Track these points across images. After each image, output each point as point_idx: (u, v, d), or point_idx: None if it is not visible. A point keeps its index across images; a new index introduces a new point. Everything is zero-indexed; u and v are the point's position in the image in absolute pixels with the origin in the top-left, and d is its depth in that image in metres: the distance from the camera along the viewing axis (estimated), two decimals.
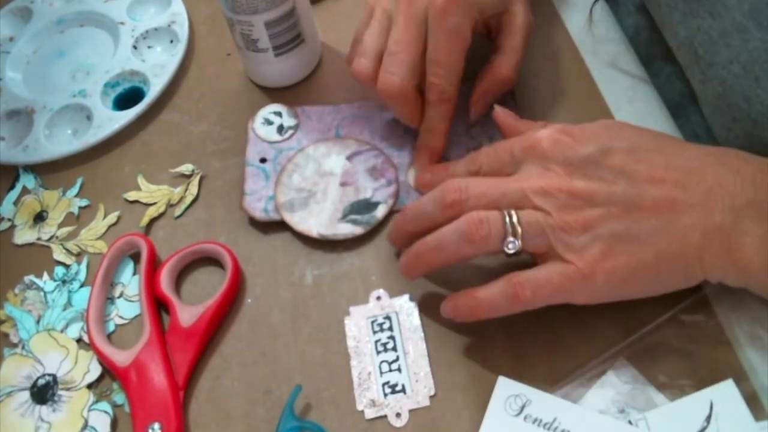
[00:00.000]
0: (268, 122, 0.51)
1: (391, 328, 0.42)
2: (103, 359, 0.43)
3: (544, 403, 0.37)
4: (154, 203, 0.50)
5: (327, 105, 0.52)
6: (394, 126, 0.50)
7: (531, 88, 0.51)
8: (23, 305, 0.46)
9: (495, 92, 0.46)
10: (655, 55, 0.50)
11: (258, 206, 0.47)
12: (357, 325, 0.42)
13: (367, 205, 0.46)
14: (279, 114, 0.51)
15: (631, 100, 0.49)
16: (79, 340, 0.44)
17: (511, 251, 0.36)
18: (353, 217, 0.45)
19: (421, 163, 0.46)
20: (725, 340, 0.38)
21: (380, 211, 0.46)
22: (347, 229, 0.45)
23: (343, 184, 0.47)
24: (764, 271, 0.34)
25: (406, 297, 0.43)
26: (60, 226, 0.50)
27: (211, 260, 0.47)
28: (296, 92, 0.54)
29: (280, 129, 0.51)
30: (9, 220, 0.51)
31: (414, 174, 0.47)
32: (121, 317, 0.45)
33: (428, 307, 0.42)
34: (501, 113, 0.43)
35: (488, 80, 0.46)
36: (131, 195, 0.50)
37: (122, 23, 0.60)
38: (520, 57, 0.46)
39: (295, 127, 0.51)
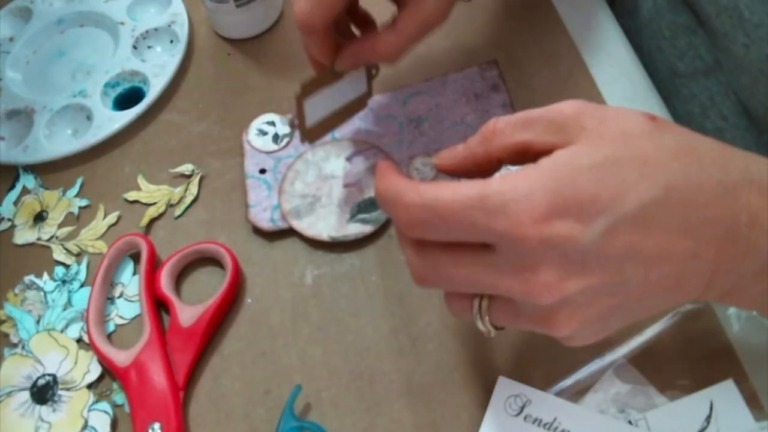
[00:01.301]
0: (263, 133, 0.51)
1: None
2: (103, 359, 0.43)
3: (544, 403, 0.37)
4: (154, 203, 0.50)
5: None
6: (389, 122, 0.50)
7: (530, 89, 0.51)
8: (23, 305, 0.46)
9: (369, 61, 0.43)
10: (680, 32, 0.50)
11: (264, 217, 0.47)
12: None
13: (374, 203, 0.46)
14: (272, 123, 0.51)
15: (631, 100, 0.49)
16: (79, 340, 0.44)
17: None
18: (362, 216, 0.46)
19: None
20: (725, 340, 0.38)
21: None
22: (357, 229, 0.45)
23: (346, 186, 0.47)
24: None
25: None
26: (60, 226, 0.50)
27: (211, 260, 0.47)
28: (288, 98, 0.54)
29: (276, 138, 0.50)
30: (9, 220, 0.51)
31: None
32: (121, 317, 0.45)
33: (428, 307, 0.42)
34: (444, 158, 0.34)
35: (367, 46, 0.41)
36: (131, 195, 0.50)
37: (122, 23, 0.60)
38: (409, 42, 0.41)
39: (291, 135, 0.51)
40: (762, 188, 0.29)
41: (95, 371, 0.43)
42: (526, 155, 0.30)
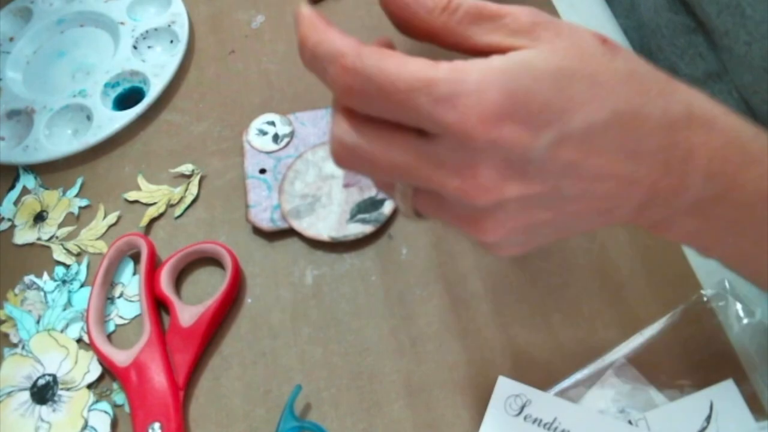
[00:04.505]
0: (263, 133, 0.51)
1: None
2: (103, 359, 0.43)
3: (544, 403, 0.37)
4: (154, 203, 0.50)
5: (319, 109, 0.52)
6: None
7: None
8: (23, 305, 0.46)
9: None
10: (680, 31, 0.50)
11: (264, 217, 0.47)
12: None
13: (374, 203, 0.46)
14: (272, 123, 0.51)
15: None
16: (79, 340, 0.44)
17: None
18: (362, 216, 0.46)
19: None
20: (725, 340, 0.38)
21: (387, 208, 0.46)
22: (357, 229, 0.45)
23: (346, 186, 0.47)
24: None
25: None
26: (60, 226, 0.50)
27: (211, 260, 0.47)
28: (288, 99, 0.54)
29: (276, 138, 0.50)
30: (9, 220, 0.51)
31: None
32: (121, 317, 0.45)
33: (428, 307, 0.42)
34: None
35: None
36: (131, 195, 0.50)
37: (122, 23, 0.60)
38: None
39: (291, 135, 0.51)
40: (701, 125, 0.28)
41: (95, 371, 0.43)
42: (466, 47, 0.27)
